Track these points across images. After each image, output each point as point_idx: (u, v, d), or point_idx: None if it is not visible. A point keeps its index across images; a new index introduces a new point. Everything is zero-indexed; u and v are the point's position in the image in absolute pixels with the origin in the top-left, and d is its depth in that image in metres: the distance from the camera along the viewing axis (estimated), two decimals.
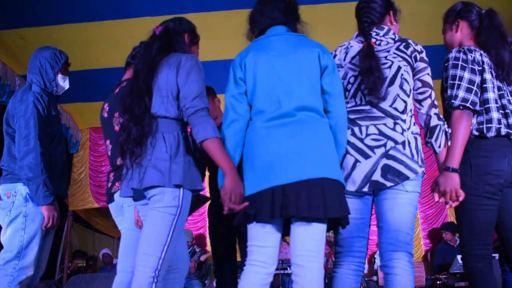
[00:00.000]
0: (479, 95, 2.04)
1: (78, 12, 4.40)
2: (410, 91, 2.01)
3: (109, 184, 2.34)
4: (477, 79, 2.04)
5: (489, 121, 2.05)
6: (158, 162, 1.85)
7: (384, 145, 1.92)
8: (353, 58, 2.04)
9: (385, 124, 1.95)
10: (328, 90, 1.88)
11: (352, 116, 1.98)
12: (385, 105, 1.96)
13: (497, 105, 2.08)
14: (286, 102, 1.81)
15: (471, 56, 2.06)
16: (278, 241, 1.83)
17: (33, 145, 2.30)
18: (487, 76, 2.07)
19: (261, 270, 1.79)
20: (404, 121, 1.97)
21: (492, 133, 2.04)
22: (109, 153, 2.36)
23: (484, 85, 2.06)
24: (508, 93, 2.14)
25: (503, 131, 2.05)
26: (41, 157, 2.31)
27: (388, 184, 1.90)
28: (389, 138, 1.93)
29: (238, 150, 1.87)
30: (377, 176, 1.91)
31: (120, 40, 4.49)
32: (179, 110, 1.92)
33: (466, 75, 2.02)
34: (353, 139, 1.96)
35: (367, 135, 1.95)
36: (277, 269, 5.71)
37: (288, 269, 5.81)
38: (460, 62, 2.05)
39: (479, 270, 1.99)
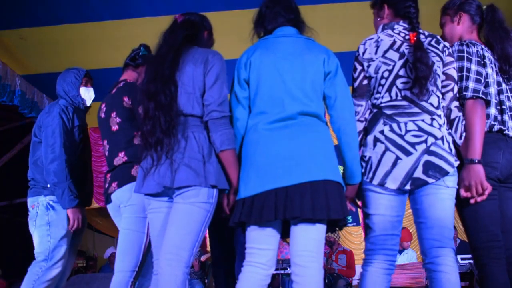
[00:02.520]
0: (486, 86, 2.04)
1: (78, 12, 4.40)
2: (440, 85, 2.01)
3: (106, 185, 2.33)
4: (484, 71, 2.04)
5: (487, 116, 2.04)
6: (192, 161, 1.81)
7: (425, 141, 1.90)
8: (385, 52, 1.99)
9: (423, 120, 1.92)
10: (329, 94, 1.88)
11: (388, 112, 1.95)
12: (422, 100, 1.94)
13: (496, 100, 2.08)
14: (290, 105, 1.82)
15: (474, 49, 2.06)
16: (277, 244, 1.84)
17: (58, 152, 2.53)
18: (489, 70, 2.07)
19: (261, 272, 1.79)
20: (439, 116, 1.95)
21: (485, 129, 2.03)
22: (107, 153, 2.36)
23: (487, 80, 2.06)
24: (508, 90, 2.14)
25: (496, 127, 2.05)
26: (66, 164, 2.52)
27: (430, 180, 1.88)
28: (429, 134, 1.91)
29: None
30: (418, 173, 1.88)
31: (120, 40, 4.49)
32: (204, 109, 1.89)
33: (473, 67, 2.02)
34: (392, 136, 1.93)
35: (407, 131, 1.92)
36: (277, 269, 5.72)
37: (288, 269, 5.81)
38: (465, 54, 2.04)
39: (492, 273, 1.93)
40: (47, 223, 2.55)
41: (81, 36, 4.61)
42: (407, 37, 2.00)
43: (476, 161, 1.91)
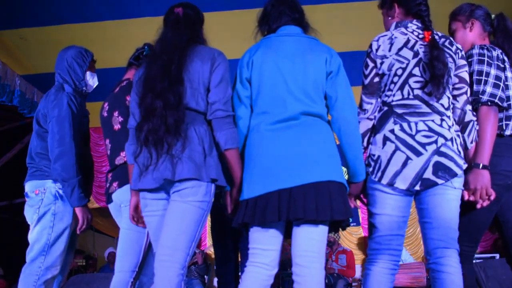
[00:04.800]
0: (505, 91, 2.04)
1: (78, 12, 4.41)
2: (451, 87, 2.01)
3: (108, 184, 2.33)
4: (503, 75, 2.04)
5: (508, 118, 2.06)
6: (193, 154, 1.78)
7: (436, 141, 1.89)
8: (400, 49, 1.98)
9: (433, 121, 1.92)
10: (330, 94, 1.87)
11: (399, 111, 1.94)
12: (433, 101, 1.93)
13: None
14: (292, 106, 1.82)
15: (495, 53, 2.07)
16: (280, 244, 1.84)
17: (68, 146, 2.31)
18: (508, 74, 2.08)
19: (264, 272, 1.79)
20: (449, 117, 1.95)
21: (509, 131, 2.05)
22: (109, 152, 2.36)
23: (506, 83, 2.07)
24: None
25: None
26: (76, 158, 2.32)
27: (439, 181, 1.87)
28: (439, 134, 1.90)
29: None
30: (428, 174, 1.88)
31: (121, 40, 4.49)
32: (207, 105, 1.89)
33: (493, 71, 2.03)
34: (403, 135, 1.92)
35: (417, 131, 1.91)
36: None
37: (288, 269, 5.81)
38: (486, 58, 2.05)
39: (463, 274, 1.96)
40: (52, 213, 2.31)
41: (81, 36, 4.60)
42: (421, 36, 1.99)
43: (485, 166, 1.92)
